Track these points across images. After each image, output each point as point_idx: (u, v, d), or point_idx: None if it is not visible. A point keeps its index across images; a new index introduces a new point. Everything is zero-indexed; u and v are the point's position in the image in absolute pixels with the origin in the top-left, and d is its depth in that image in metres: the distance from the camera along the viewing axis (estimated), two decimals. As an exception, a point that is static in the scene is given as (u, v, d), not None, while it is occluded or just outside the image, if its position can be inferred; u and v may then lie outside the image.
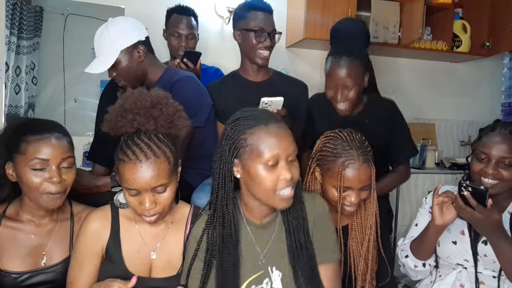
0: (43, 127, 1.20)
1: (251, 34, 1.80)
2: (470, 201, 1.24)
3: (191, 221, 1.22)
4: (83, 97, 2.74)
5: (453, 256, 1.39)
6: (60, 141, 1.19)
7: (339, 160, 1.24)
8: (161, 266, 1.19)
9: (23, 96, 2.62)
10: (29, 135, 1.17)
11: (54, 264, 1.24)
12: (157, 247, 1.20)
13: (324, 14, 2.84)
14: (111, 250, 1.17)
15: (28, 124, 1.25)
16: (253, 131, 1.04)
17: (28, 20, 2.61)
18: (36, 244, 1.23)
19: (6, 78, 2.53)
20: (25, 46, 2.60)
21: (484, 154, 1.34)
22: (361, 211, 1.34)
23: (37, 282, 1.21)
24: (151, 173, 1.06)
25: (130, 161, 1.06)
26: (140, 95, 1.12)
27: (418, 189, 3.01)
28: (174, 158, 1.12)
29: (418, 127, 3.40)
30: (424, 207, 1.52)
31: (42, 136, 1.17)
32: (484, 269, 1.35)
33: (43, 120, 1.27)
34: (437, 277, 1.44)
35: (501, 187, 1.33)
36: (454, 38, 3.24)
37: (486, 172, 1.33)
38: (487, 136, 1.36)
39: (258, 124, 1.05)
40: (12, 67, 2.56)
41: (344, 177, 1.23)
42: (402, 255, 1.48)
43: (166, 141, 1.11)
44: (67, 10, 2.68)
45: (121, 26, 1.60)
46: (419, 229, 1.48)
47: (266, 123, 1.05)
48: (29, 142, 1.16)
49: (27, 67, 2.62)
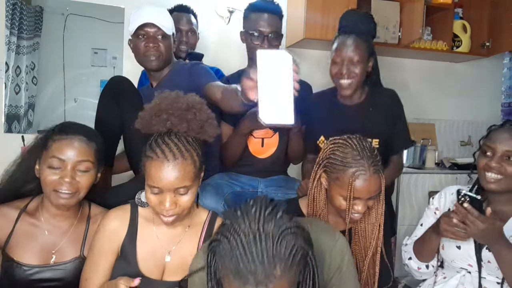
0: (71, 128, 1.27)
1: (250, 36, 1.79)
2: (471, 212, 1.22)
3: (207, 227, 1.23)
4: (83, 97, 2.73)
5: (457, 260, 1.38)
6: (81, 144, 1.24)
7: (349, 170, 1.21)
8: (174, 270, 1.20)
9: (23, 96, 2.62)
10: (57, 135, 1.24)
11: (62, 262, 1.25)
12: (172, 250, 1.20)
13: (324, 14, 2.83)
14: (126, 249, 1.18)
15: (64, 124, 1.32)
16: (229, 278, 0.81)
17: (28, 20, 2.61)
18: (49, 241, 1.27)
19: (6, 78, 2.54)
20: (25, 46, 2.60)
21: (490, 148, 1.33)
22: (365, 216, 1.31)
23: (44, 278, 1.23)
24: (176, 174, 1.07)
25: (158, 159, 1.08)
26: (177, 97, 1.16)
27: (418, 189, 3.00)
28: (199, 163, 1.13)
29: (418, 127, 3.40)
30: (430, 208, 1.51)
31: (66, 137, 1.23)
32: (488, 275, 1.33)
33: (76, 124, 1.33)
34: (441, 278, 1.43)
35: (505, 183, 1.32)
36: (454, 38, 3.24)
37: (490, 165, 1.32)
38: (495, 132, 1.36)
39: (237, 277, 0.79)
40: (12, 67, 2.56)
41: (353, 188, 1.20)
42: (405, 257, 1.48)
43: (194, 145, 1.13)
44: (67, 10, 2.68)
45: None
46: (424, 229, 1.47)
47: (244, 284, 0.79)
48: (54, 141, 1.23)
49: (27, 67, 2.62)
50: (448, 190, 1.50)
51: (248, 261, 0.78)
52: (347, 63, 1.66)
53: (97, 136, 1.31)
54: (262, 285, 0.77)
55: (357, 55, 1.65)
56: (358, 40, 1.67)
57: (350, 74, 1.66)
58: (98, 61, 2.76)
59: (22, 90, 2.61)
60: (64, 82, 2.71)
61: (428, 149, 3.25)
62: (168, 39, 1.72)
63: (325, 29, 2.86)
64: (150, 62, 1.71)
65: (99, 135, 1.33)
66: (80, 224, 1.31)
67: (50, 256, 1.25)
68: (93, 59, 2.76)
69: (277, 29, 1.82)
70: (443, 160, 3.34)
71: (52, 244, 1.27)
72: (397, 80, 3.38)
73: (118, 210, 1.23)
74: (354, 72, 1.66)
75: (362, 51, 1.67)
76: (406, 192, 2.97)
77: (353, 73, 1.66)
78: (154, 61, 1.71)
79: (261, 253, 0.78)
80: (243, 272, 0.78)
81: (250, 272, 0.77)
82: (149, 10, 1.70)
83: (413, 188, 2.99)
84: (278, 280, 0.78)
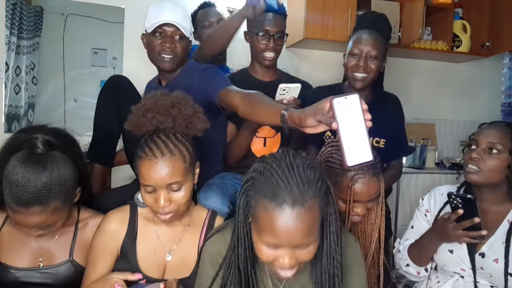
0: (23, 200, 1.09)
1: (255, 35, 1.80)
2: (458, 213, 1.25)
3: (207, 226, 1.23)
4: (83, 97, 2.74)
5: (449, 265, 1.36)
6: (39, 216, 1.11)
7: (348, 174, 1.20)
8: (175, 268, 1.20)
9: (23, 96, 2.62)
10: (10, 204, 1.11)
11: (51, 266, 1.23)
12: (173, 248, 1.21)
13: (324, 14, 2.84)
14: (126, 249, 1.19)
15: (15, 192, 1.10)
16: (263, 203, 0.89)
17: (28, 20, 2.61)
18: (35, 246, 1.24)
19: (6, 78, 2.54)
20: (25, 46, 2.61)
21: (473, 141, 1.34)
22: (365, 217, 1.30)
23: (34, 282, 1.21)
24: (165, 170, 1.08)
25: (147, 158, 1.09)
26: (161, 95, 1.16)
27: (418, 189, 3.00)
28: (190, 158, 1.14)
29: (418, 127, 3.40)
30: (420, 209, 1.50)
31: (21, 209, 1.09)
32: (481, 279, 1.32)
33: (28, 186, 1.08)
34: (435, 282, 1.42)
35: (485, 175, 1.31)
36: (454, 38, 3.24)
37: (471, 156, 1.32)
38: (482, 128, 1.38)
39: (271, 198, 0.87)
40: (12, 67, 2.56)
41: (353, 192, 1.20)
42: (402, 264, 1.46)
43: (183, 141, 1.14)
44: (67, 10, 2.68)
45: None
46: (415, 231, 1.47)
47: (280, 204, 0.87)
48: (10, 210, 1.13)
49: (27, 67, 2.63)
50: (438, 191, 1.49)
51: (284, 183, 0.87)
52: (365, 57, 1.68)
53: (54, 184, 1.10)
54: (298, 204, 0.85)
55: (376, 49, 1.67)
56: (378, 36, 1.70)
57: (366, 68, 1.68)
58: (98, 61, 2.77)
59: (22, 90, 2.61)
60: (64, 82, 2.72)
61: (428, 149, 3.25)
62: (185, 41, 1.67)
63: (325, 29, 2.87)
64: (164, 62, 1.65)
65: (57, 172, 1.12)
66: (68, 228, 1.27)
67: (37, 260, 1.23)
68: (93, 59, 2.76)
69: (283, 28, 1.83)
70: (443, 160, 3.34)
71: (38, 248, 1.24)
72: (397, 80, 3.38)
73: (117, 211, 1.23)
74: (370, 66, 1.68)
75: (381, 48, 1.69)
76: (406, 192, 2.98)
77: (370, 68, 1.68)
78: (168, 62, 1.65)
79: (295, 177, 0.87)
80: (280, 193, 0.86)
81: (287, 192, 0.86)
82: (170, 9, 1.64)
83: (413, 188, 3.00)
84: (311, 200, 0.87)
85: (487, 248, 1.30)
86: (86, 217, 1.30)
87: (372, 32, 1.70)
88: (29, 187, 1.06)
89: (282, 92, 1.50)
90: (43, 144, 1.16)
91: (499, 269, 1.28)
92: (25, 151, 1.13)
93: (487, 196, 1.35)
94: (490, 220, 1.31)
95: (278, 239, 0.87)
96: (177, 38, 1.63)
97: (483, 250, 1.31)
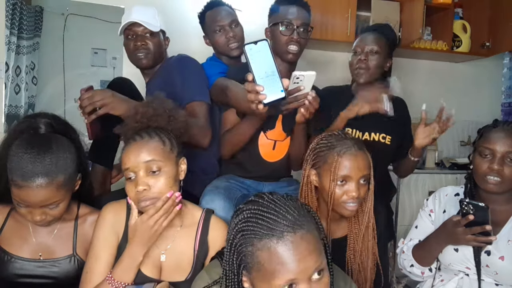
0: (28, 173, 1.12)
1: (278, 28, 1.68)
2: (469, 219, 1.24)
3: (202, 226, 1.23)
4: (83, 97, 2.74)
5: (454, 264, 1.36)
6: (44, 189, 1.12)
7: (335, 150, 1.22)
8: (171, 270, 1.20)
9: (23, 96, 2.62)
10: (14, 179, 1.15)
11: (52, 259, 1.24)
12: (166, 249, 1.20)
13: (324, 14, 2.84)
14: (122, 248, 1.18)
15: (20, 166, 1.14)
16: (263, 244, 0.81)
17: (28, 20, 2.61)
18: (35, 240, 1.25)
19: (6, 78, 2.53)
20: (25, 46, 2.61)
21: (488, 150, 1.32)
22: (358, 217, 1.30)
23: (36, 275, 1.23)
24: (143, 148, 1.12)
25: (128, 144, 1.14)
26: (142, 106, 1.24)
27: (418, 189, 3.00)
28: (170, 144, 1.17)
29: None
30: (425, 209, 1.50)
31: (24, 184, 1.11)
32: (486, 277, 1.32)
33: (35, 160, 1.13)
34: (438, 281, 1.42)
35: (506, 185, 1.31)
36: (454, 38, 3.24)
37: (492, 168, 1.30)
38: (490, 133, 1.34)
39: (270, 234, 0.81)
40: (12, 67, 2.56)
41: (341, 165, 1.20)
42: (406, 264, 1.46)
43: (165, 131, 1.19)
44: (67, 10, 2.68)
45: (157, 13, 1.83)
46: (419, 232, 1.47)
47: (281, 234, 0.81)
48: (13, 185, 1.15)
49: (27, 67, 2.63)
50: (443, 192, 1.49)
51: (276, 215, 0.83)
52: (366, 52, 1.73)
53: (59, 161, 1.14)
54: (297, 227, 0.82)
55: (377, 45, 1.73)
56: (380, 35, 1.77)
57: (367, 62, 1.73)
58: (98, 61, 2.77)
59: (22, 90, 2.61)
60: (64, 82, 2.71)
61: (428, 149, 3.25)
62: (156, 37, 1.75)
63: (325, 29, 2.87)
64: (139, 60, 1.76)
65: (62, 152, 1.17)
66: (67, 223, 1.28)
67: (37, 255, 1.24)
68: (93, 59, 2.76)
69: (307, 21, 1.73)
70: (443, 160, 3.34)
71: (38, 243, 1.25)
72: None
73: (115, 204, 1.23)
74: (371, 60, 1.73)
75: (382, 44, 1.75)
76: (406, 192, 2.98)
77: (370, 62, 1.73)
78: (143, 59, 1.75)
79: (283, 207, 0.85)
80: (276, 225, 0.82)
81: (283, 220, 0.82)
82: (135, 10, 1.75)
83: (413, 188, 3.00)
84: (307, 223, 0.85)
85: (493, 246, 1.30)
86: (85, 213, 1.31)
87: (374, 32, 1.78)
88: (36, 160, 1.10)
89: (295, 80, 1.38)
90: (46, 126, 1.25)
91: (505, 267, 1.28)
92: (29, 134, 1.20)
93: (494, 197, 1.35)
94: (496, 218, 1.31)
95: (292, 271, 0.79)
96: (147, 35, 1.73)
97: (488, 248, 1.31)
